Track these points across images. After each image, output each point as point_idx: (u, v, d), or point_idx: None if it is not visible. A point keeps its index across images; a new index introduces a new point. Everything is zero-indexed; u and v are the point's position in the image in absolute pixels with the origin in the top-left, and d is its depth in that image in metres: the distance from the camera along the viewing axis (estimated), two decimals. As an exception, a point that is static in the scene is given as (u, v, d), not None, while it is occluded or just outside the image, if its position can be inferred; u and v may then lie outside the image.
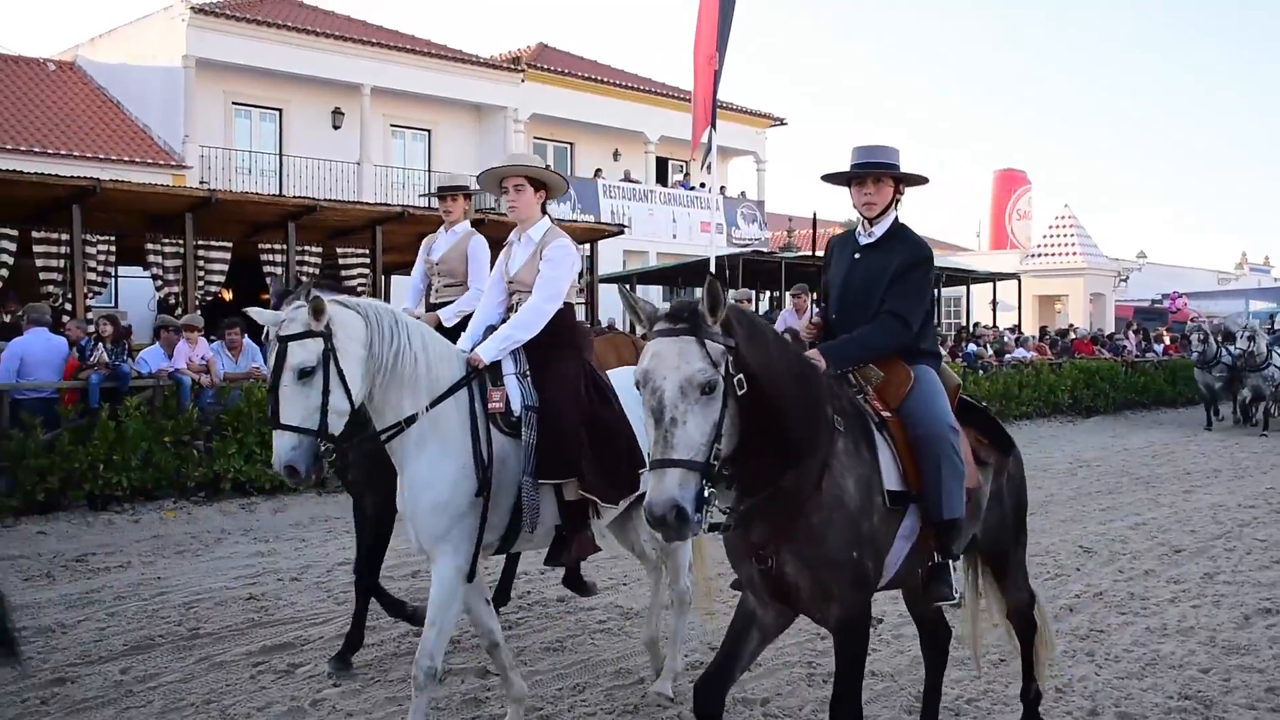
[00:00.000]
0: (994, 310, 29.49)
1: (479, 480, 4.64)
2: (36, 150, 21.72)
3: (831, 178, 4.54)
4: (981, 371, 20.93)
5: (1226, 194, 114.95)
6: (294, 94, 26.48)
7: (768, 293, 28.78)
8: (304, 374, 4.31)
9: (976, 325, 29.39)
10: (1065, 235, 37.93)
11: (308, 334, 4.34)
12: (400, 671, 5.80)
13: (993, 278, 29.44)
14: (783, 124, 36.67)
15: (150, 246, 15.28)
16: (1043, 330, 29.54)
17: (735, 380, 3.43)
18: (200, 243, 15.55)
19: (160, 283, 15.51)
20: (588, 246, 21.38)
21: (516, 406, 4.88)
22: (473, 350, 4.98)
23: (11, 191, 14.11)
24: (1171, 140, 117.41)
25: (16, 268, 14.34)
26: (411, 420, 4.60)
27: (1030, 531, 9.60)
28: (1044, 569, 8.39)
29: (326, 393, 4.32)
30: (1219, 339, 21.28)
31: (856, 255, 4.43)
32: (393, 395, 4.60)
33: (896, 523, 3.97)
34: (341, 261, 17.25)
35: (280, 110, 26.74)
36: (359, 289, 17.31)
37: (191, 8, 24.23)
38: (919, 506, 4.03)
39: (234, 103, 26.08)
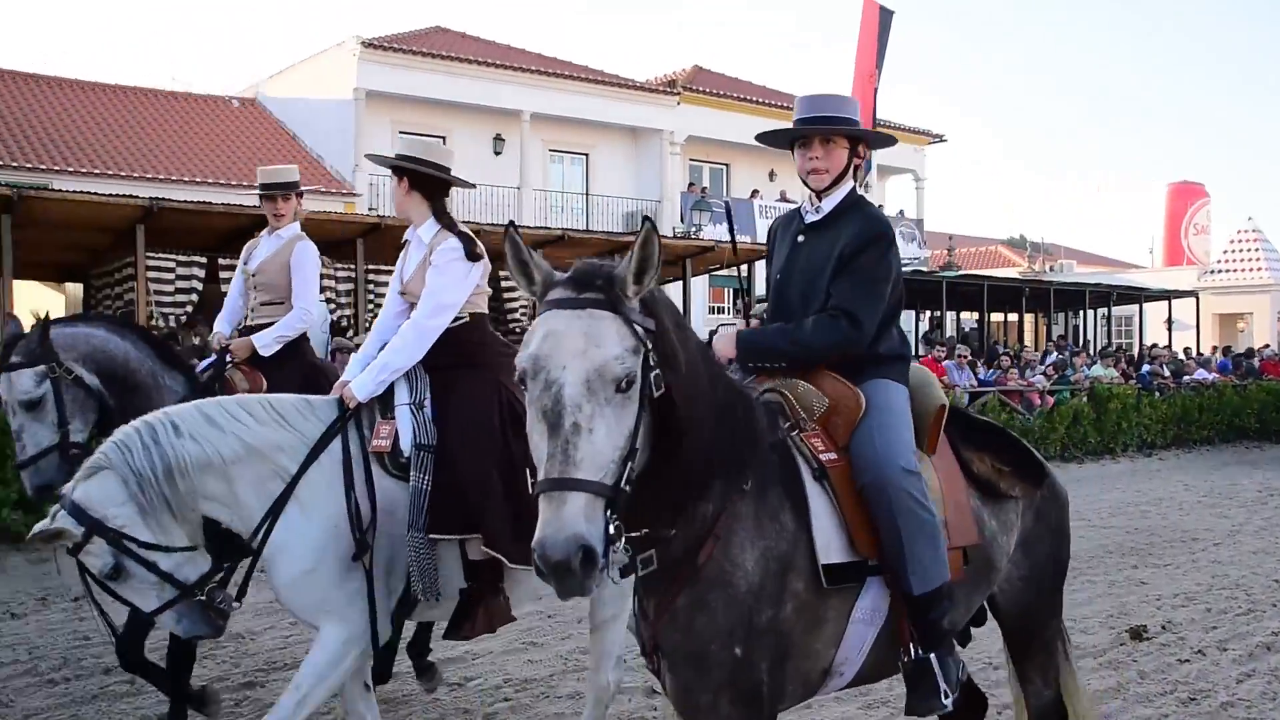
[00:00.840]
0: (1169, 329, 28.18)
1: (355, 540, 3.82)
2: (223, 182, 22.99)
3: (769, 137, 3.68)
4: (1159, 394, 20.00)
5: None
6: (456, 121, 27.32)
7: (928, 313, 28.18)
8: (110, 576, 3.65)
9: (1153, 346, 28.13)
10: (1249, 250, 35.96)
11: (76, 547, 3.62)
12: (569, 687, 5.84)
13: (1168, 295, 28.15)
14: (942, 140, 35.93)
15: (324, 271, 15.93)
16: (1225, 349, 28.02)
17: (654, 377, 2.56)
18: (370, 267, 16.15)
19: (333, 306, 16.16)
20: (745, 268, 21.35)
21: (406, 444, 4.02)
22: (347, 383, 4.12)
23: (201, 222, 14.98)
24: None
25: (205, 293, 15.18)
26: (279, 507, 3.80)
27: (1218, 563, 9.23)
28: (1235, 603, 7.92)
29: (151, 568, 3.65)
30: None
31: (800, 238, 3.48)
32: (229, 491, 3.79)
33: (847, 604, 3.03)
34: (504, 285, 17.65)
35: (443, 138, 27.58)
36: (521, 310, 17.70)
37: (362, 42, 25.30)
38: (884, 578, 3.10)
39: (400, 132, 26.89)
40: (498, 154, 27.89)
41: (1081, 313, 29.44)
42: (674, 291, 21.42)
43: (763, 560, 2.86)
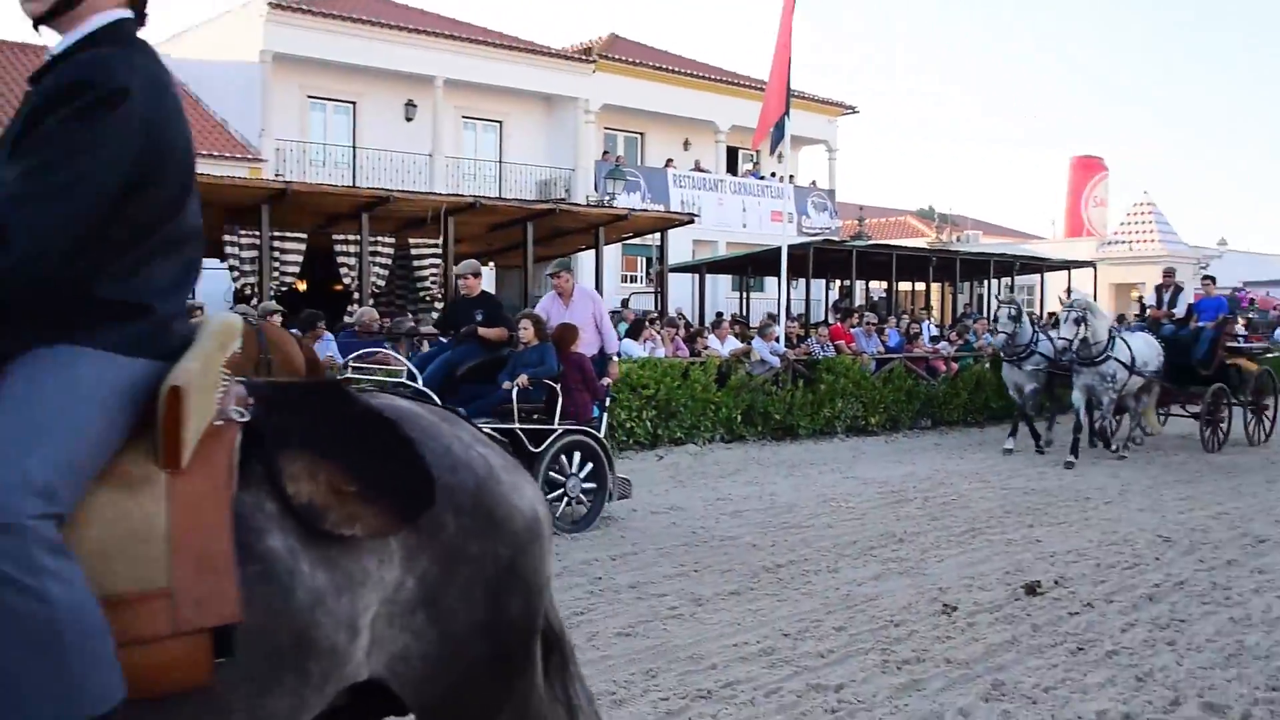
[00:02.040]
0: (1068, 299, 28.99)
1: None
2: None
3: None
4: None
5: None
6: (368, 87, 26.85)
7: (838, 281, 28.58)
8: None
9: (1051, 315, 28.90)
10: (1144, 222, 37.12)
11: None
12: None
13: (1067, 265, 28.91)
14: (854, 112, 36.33)
15: (227, 238, 15.61)
16: (1119, 317, 28.90)
17: None
18: (276, 234, 15.86)
19: (237, 274, 15.85)
20: (658, 236, 21.42)
21: None
22: None
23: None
24: (1256, 123, 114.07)
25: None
26: None
27: (1108, 520, 9.60)
28: (1121, 557, 8.25)
29: None
30: (1040, 321, 17.69)
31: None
32: None
33: None
34: (414, 252, 17.47)
35: (354, 103, 27.14)
36: (431, 279, 17.53)
37: (269, 3, 24.67)
38: None
39: (309, 96, 26.52)
40: (409, 120, 27.48)
41: (986, 282, 30.10)
42: (587, 260, 21.42)
43: None
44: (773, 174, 33.16)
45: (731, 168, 33.92)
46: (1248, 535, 9.25)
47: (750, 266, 26.28)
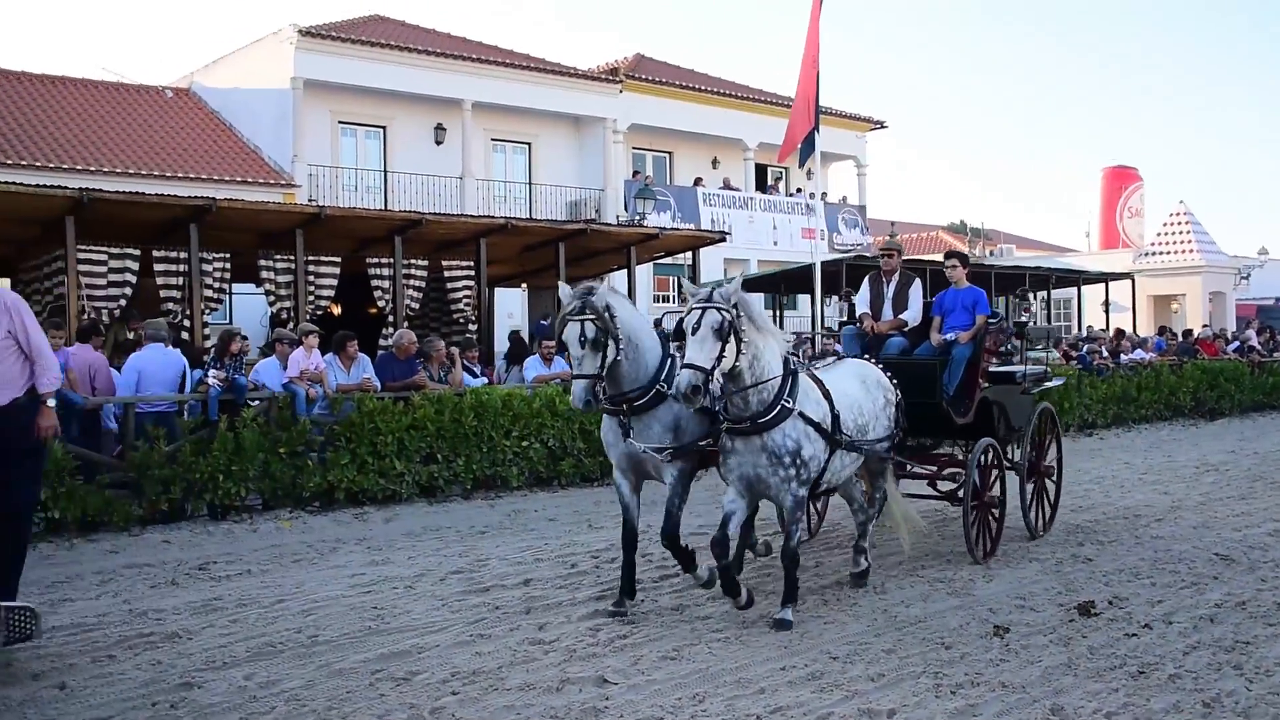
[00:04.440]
0: (1107, 311, 28.62)
1: None
2: (156, 174, 22.48)
3: None
4: (1098, 374, 20.28)
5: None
6: (397, 111, 26.98)
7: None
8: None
9: (1089, 328, 28.55)
10: (1181, 233, 36.66)
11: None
12: (518, 679, 5.75)
13: (1104, 278, 28.57)
14: (883, 127, 36.15)
15: (263, 263, 15.64)
16: (1161, 329, 28.50)
17: None
18: (310, 258, 15.86)
19: (273, 298, 15.86)
20: (690, 255, 21.30)
21: None
22: None
23: (134, 213, 14.60)
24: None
25: (139, 286, 14.81)
26: None
27: (1160, 539, 9.35)
28: (1178, 577, 8.02)
29: None
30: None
31: None
32: None
33: None
34: (446, 274, 17.44)
35: (384, 128, 27.26)
36: (464, 301, 17.50)
37: (299, 30, 24.86)
38: None
39: (340, 122, 26.67)
40: (439, 144, 27.57)
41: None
42: (619, 280, 21.34)
43: None
44: (798, 190, 33.05)
45: (761, 185, 33.81)
46: (1306, 551, 8.99)
47: (783, 284, 26.13)
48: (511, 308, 24.20)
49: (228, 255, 15.40)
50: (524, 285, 23.25)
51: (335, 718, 5.24)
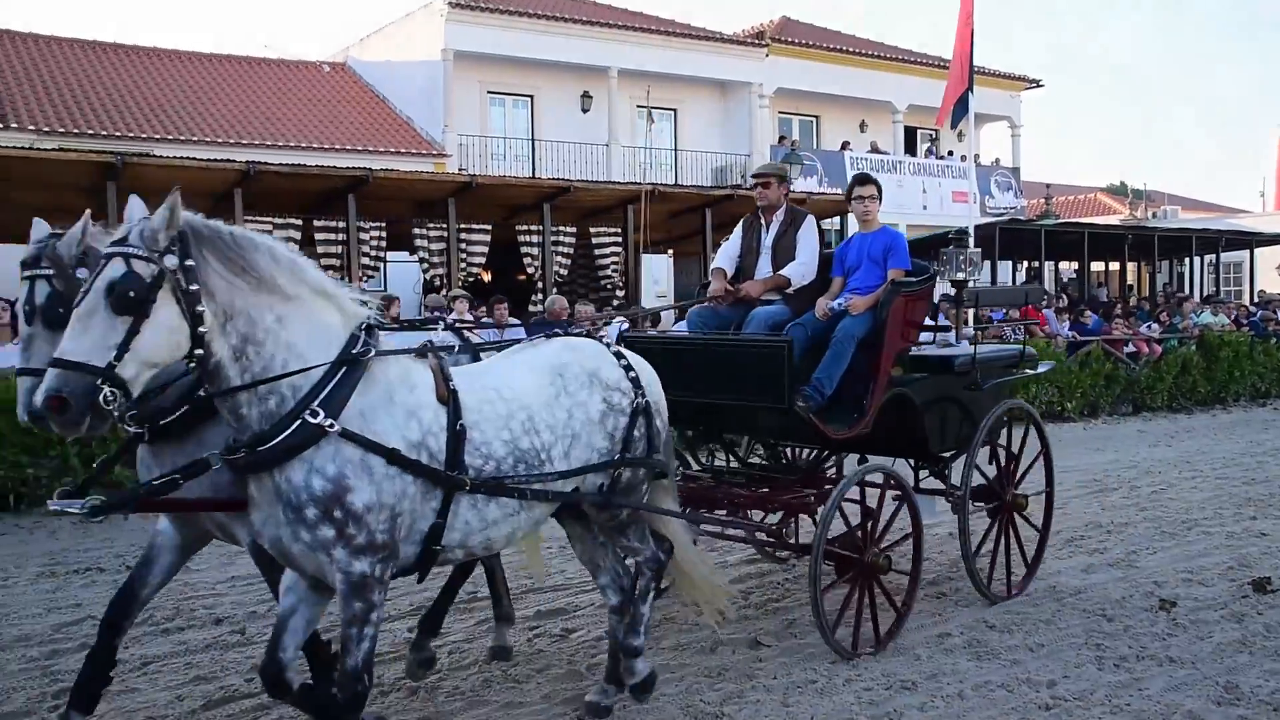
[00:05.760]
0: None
1: None
2: (315, 146, 23.29)
3: None
4: (1272, 340, 19.27)
5: None
6: (544, 80, 27.26)
7: (1025, 263, 27.46)
8: None
9: (1261, 293, 27.08)
10: (1367, 192, 34.33)
11: None
12: (671, 640, 5.81)
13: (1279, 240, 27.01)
14: (1038, 85, 34.81)
15: (416, 231, 16.10)
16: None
17: None
18: (462, 226, 16.25)
19: (426, 265, 16.32)
20: (837, 220, 21.01)
21: None
22: None
23: (296, 184, 15.21)
24: None
25: (300, 255, 15.41)
26: None
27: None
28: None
29: None
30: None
31: None
32: None
33: None
34: (594, 241, 17.63)
35: (531, 96, 27.59)
36: (612, 267, 17.66)
37: (449, 3, 25.32)
38: None
39: (489, 91, 27.10)
40: (585, 111, 27.78)
41: (1187, 260, 28.40)
42: (765, 245, 21.17)
43: None
44: (949, 152, 32.14)
45: (910, 148, 33.01)
46: None
47: (934, 249, 25.52)
48: (658, 274, 24.30)
49: (383, 224, 15.91)
50: (670, 251, 23.32)
51: (497, 670, 5.40)
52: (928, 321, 6.80)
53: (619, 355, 4.85)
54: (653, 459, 4.81)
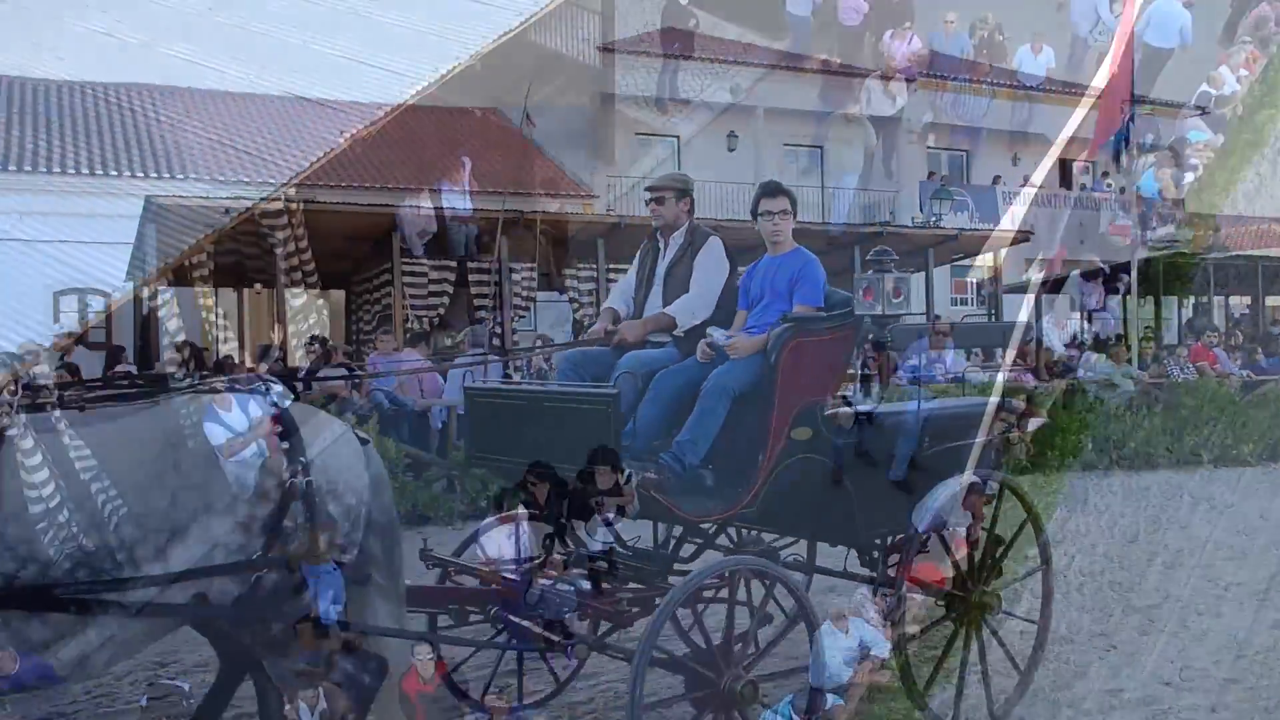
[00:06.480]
0: None
1: None
2: (471, 190, 23.97)
3: None
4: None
5: None
6: (690, 120, 27.50)
7: (1191, 299, 26.23)
8: None
9: None
10: None
11: None
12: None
13: None
14: (1204, 113, 33.36)
15: (567, 271, 16.39)
16: None
17: None
18: (611, 266, 16.46)
19: (576, 305, 16.57)
20: (990, 256, 20.53)
21: None
22: None
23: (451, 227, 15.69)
24: None
25: (455, 295, 15.86)
26: None
27: None
28: None
29: None
30: None
31: None
32: None
33: None
34: (741, 279, 17.62)
35: (677, 137, 27.86)
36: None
37: (598, 47, 25.85)
38: None
39: (636, 133, 27.49)
40: (731, 151, 27.87)
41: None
42: (916, 283, 20.84)
43: None
44: (1107, 181, 31.05)
45: (1065, 181, 32.02)
46: None
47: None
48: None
49: (533, 264, 16.24)
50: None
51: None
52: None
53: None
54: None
